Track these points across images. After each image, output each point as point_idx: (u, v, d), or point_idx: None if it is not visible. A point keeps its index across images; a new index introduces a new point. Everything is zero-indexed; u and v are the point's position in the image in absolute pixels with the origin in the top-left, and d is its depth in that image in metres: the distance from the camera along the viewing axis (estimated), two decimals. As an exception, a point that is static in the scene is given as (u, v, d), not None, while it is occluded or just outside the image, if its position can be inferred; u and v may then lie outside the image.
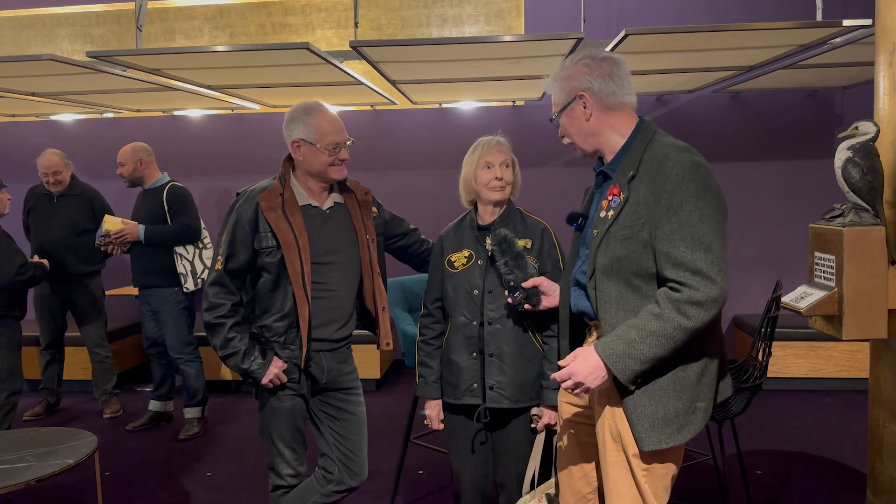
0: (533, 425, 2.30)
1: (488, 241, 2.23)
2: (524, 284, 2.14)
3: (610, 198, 1.81)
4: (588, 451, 1.99)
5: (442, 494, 3.39)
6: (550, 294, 2.15)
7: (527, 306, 2.16)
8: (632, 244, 1.74)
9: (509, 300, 2.18)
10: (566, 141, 1.94)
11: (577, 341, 2.02)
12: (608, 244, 1.77)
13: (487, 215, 2.34)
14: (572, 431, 2.02)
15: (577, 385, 1.73)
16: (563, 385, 1.76)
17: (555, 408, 2.24)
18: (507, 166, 2.30)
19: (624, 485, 1.79)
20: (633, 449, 1.76)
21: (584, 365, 1.72)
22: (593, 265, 1.80)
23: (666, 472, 1.80)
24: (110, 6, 4.79)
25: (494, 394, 2.26)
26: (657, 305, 1.69)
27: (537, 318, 2.26)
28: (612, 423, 1.80)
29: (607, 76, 1.82)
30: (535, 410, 2.29)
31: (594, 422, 1.91)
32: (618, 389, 1.76)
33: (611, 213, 1.79)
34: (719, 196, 1.71)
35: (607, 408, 1.82)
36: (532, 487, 2.25)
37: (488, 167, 2.29)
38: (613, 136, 1.85)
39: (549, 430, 2.30)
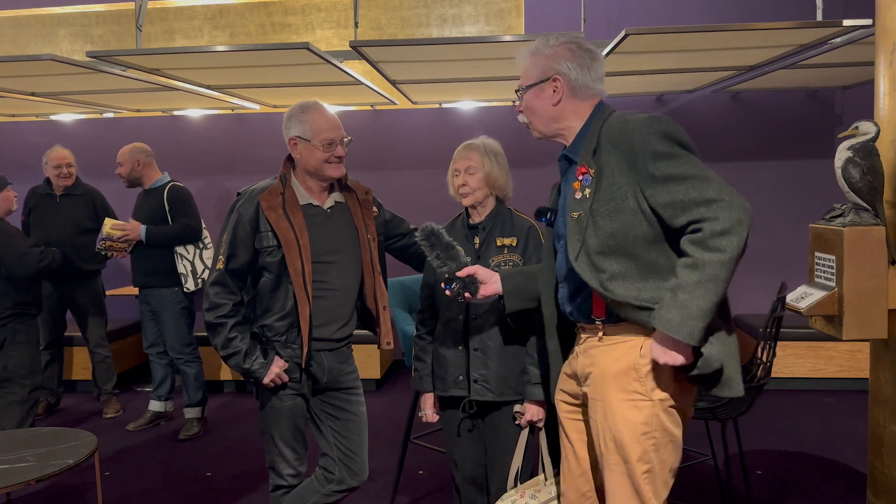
0: (517, 422, 2.33)
1: (417, 236, 2.19)
2: (459, 274, 2.08)
3: (580, 177, 1.78)
4: (586, 447, 1.98)
5: (442, 494, 3.39)
6: (488, 282, 2.10)
7: (466, 295, 2.09)
8: (621, 215, 1.71)
9: (447, 293, 2.11)
10: (522, 119, 1.94)
11: (567, 342, 2.00)
12: (596, 223, 1.73)
13: (476, 215, 2.38)
14: (570, 429, 2.00)
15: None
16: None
17: (537, 403, 2.26)
18: (471, 172, 2.31)
19: (621, 486, 1.79)
20: (634, 454, 1.75)
21: (657, 348, 1.69)
22: (579, 246, 1.75)
23: (664, 468, 1.79)
24: (110, 6, 4.79)
25: (479, 386, 2.31)
26: (687, 256, 1.63)
27: (520, 313, 2.23)
28: (606, 429, 1.79)
29: (586, 68, 1.82)
30: (517, 407, 2.32)
31: (588, 418, 1.91)
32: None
33: (587, 191, 1.76)
34: (688, 139, 1.69)
35: (600, 415, 1.80)
36: (516, 483, 2.27)
37: (457, 174, 2.34)
38: (575, 122, 1.86)
39: (533, 427, 2.32)
